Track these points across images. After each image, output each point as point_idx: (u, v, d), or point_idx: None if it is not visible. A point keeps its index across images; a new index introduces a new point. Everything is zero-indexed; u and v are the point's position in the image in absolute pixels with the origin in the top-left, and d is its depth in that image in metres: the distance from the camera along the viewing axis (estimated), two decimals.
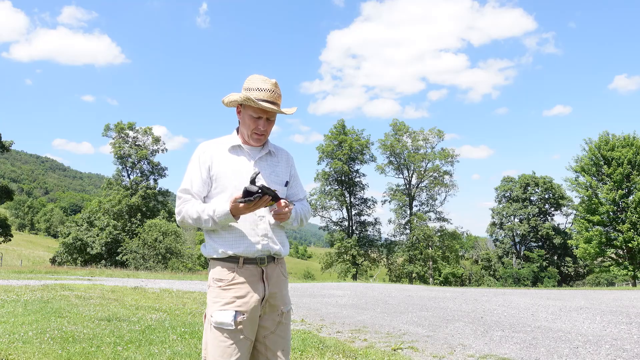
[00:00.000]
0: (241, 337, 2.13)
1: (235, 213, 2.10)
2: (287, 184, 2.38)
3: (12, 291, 10.06)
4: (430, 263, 45.20)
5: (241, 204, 2.05)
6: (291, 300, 2.44)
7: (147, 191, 45.64)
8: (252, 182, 2.04)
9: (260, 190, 2.03)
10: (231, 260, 2.19)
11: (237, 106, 2.30)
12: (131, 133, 46.53)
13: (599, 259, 34.46)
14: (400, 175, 48.07)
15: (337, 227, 46.79)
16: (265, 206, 2.12)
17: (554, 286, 43.19)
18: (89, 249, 42.93)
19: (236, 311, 2.12)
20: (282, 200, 2.15)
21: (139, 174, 46.85)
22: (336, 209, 47.20)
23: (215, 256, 2.22)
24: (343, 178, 46.59)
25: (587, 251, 32.60)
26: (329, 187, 46.59)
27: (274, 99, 2.23)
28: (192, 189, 2.25)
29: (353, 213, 47.23)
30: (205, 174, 2.24)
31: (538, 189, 55.08)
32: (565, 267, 52.43)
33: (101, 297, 9.77)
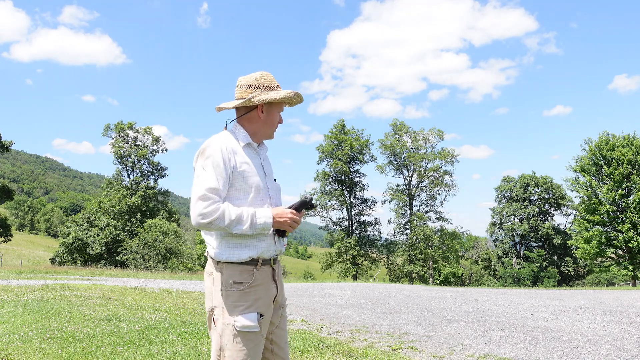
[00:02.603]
0: (260, 337, 2.17)
1: (275, 225, 2.17)
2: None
3: (12, 291, 10.06)
4: (430, 263, 45.20)
5: (288, 215, 2.17)
6: (290, 300, 2.65)
7: (147, 191, 45.65)
8: (310, 200, 2.23)
9: (312, 206, 2.23)
10: (250, 263, 2.19)
11: (261, 105, 2.30)
12: (131, 133, 46.55)
13: (599, 259, 34.46)
14: (400, 175, 48.12)
15: (337, 227, 46.80)
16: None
17: (554, 286, 43.19)
18: (89, 249, 42.92)
19: (258, 313, 2.16)
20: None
21: (139, 174, 46.87)
22: (336, 209, 47.23)
23: (235, 260, 2.18)
24: (343, 178, 46.60)
25: (587, 251, 32.61)
26: (329, 187, 46.60)
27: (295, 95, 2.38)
28: (220, 188, 2.14)
29: (353, 213, 47.24)
30: (230, 172, 2.17)
31: (538, 189, 55.10)
32: (565, 267, 52.45)
33: (101, 297, 9.77)
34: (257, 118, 2.31)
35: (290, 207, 2.22)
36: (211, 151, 2.17)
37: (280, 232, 2.23)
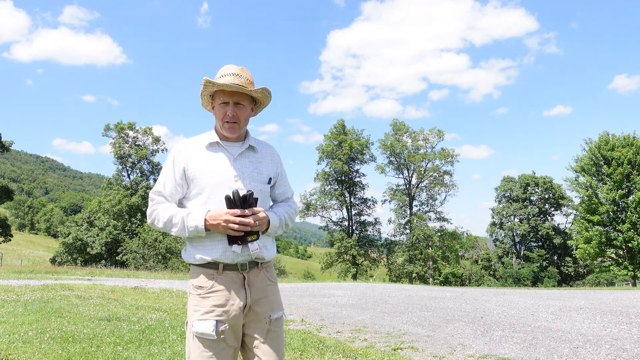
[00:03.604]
0: (223, 346, 2.05)
1: (209, 227, 2.02)
2: (270, 180, 2.25)
3: (12, 291, 10.05)
4: (430, 263, 45.21)
5: (222, 217, 1.99)
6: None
7: (147, 191, 45.59)
8: (235, 196, 2.00)
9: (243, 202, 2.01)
10: (210, 267, 2.09)
11: (211, 102, 2.21)
12: (131, 133, 46.56)
13: (599, 259, 34.47)
14: (400, 175, 48.12)
15: (337, 227, 46.80)
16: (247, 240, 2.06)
17: (554, 286, 43.19)
18: (89, 249, 42.91)
19: (217, 320, 2.03)
20: (257, 208, 2.06)
21: (139, 174, 46.88)
22: (336, 209, 47.23)
23: (193, 262, 2.12)
24: (343, 178, 46.60)
25: (587, 251, 32.61)
26: (329, 187, 46.60)
27: (239, 82, 2.12)
28: (165, 191, 2.15)
29: (353, 213, 47.23)
30: (179, 176, 2.13)
31: (538, 189, 55.10)
32: (565, 267, 52.45)
33: (101, 297, 9.77)
34: (214, 115, 2.22)
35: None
36: (169, 155, 2.21)
37: (241, 238, 2.03)
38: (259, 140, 2.31)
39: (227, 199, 2.00)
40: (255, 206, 2.05)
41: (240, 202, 2.00)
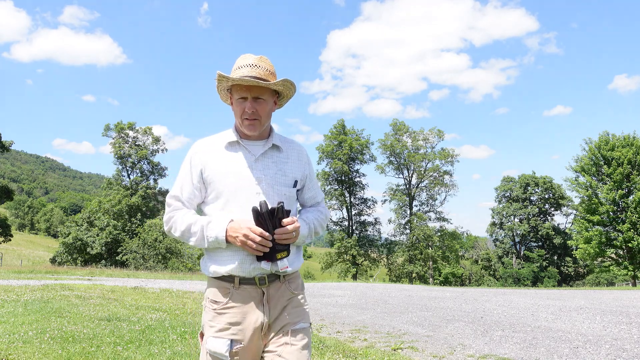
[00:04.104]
0: None
1: (230, 239, 1.83)
2: (296, 183, 2.02)
3: (12, 291, 10.05)
4: (430, 263, 45.21)
5: (242, 230, 1.79)
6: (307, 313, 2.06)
7: (147, 191, 45.65)
8: (261, 209, 1.80)
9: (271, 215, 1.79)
10: (226, 280, 1.90)
11: (229, 96, 2.00)
12: (131, 133, 46.56)
13: (599, 259, 34.47)
14: (400, 175, 48.13)
15: (337, 227, 46.82)
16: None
17: (554, 286, 43.20)
18: (89, 249, 42.91)
19: (232, 340, 1.85)
20: (287, 220, 1.82)
21: (139, 174, 46.87)
22: (336, 208, 47.23)
23: (209, 274, 1.95)
24: (343, 178, 46.61)
25: (587, 251, 32.62)
26: (329, 187, 46.61)
27: (258, 73, 1.90)
28: (183, 196, 1.96)
29: (353, 213, 47.24)
30: (197, 179, 1.95)
31: (538, 189, 55.10)
32: (565, 267, 52.45)
33: (101, 297, 9.77)
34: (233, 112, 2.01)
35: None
36: (186, 156, 2.01)
37: (270, 255, 1.82)
38: (284, 138, 2.10)
39: (254, 211, 1.79)
40: (287, 217, 1.83)
41: (269, 215, 1.79)
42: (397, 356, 5.09)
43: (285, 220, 1.81)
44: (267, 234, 1.78)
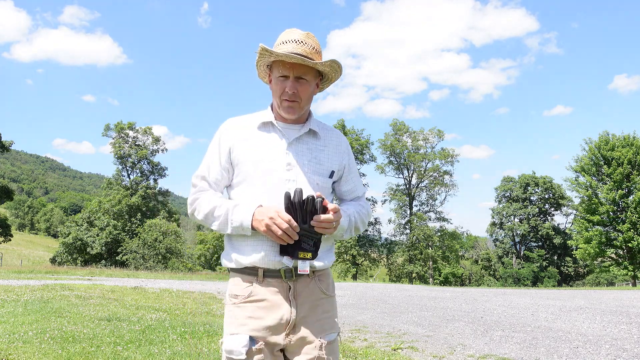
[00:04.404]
0: None
1: (255, 225, 1.64)
2: (332, 174, 1.83)
3: (12, 291, 10.06)
4: (430, 263, 45.23)
5: (270, 213, 1.60)
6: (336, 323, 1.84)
7: (147, 191, 45.69)
8: (297, 196, 1.61)
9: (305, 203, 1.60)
10: (248, 272, 1.73)
11: (268, 74, 1.82)
12: (131, 133, 46.60)
13: (599, 259, 34.50)
14: (400, 175, 48.16)
15: None
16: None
17: (554, 286, 43.22)
18: (89, 249, 42.95)
19: (250, 337, 1.66)
20: (330, 207, 1.63)
21: (139, 174, 46.91)
22: None
23: (231, 266, 1.77)
24: None
25: (587, 251, 32.65)
26: None
27: (303, 51, 1.72)
28: (210, 177, 1.80)
29: None
30: (225, 159, 1.78)
31: (538, 189, 55.12)
32: (565, 267, 52.47)
33: (101, 297, 9.77)
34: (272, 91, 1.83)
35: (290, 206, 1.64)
36: (215, 133, 1.85)
37: (292, 250, 1.63)
38: (323, 124, 1.90)
39: (287, 197, 1.61)
40: (319, 213, 1.61)
41: (301, 204, 1.60)
42: (397, 356, 5.09)
43: (330, 206, 1.62)
44: (295, 223, 1.59)
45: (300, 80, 1.73)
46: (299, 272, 1.65)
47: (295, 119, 1.79)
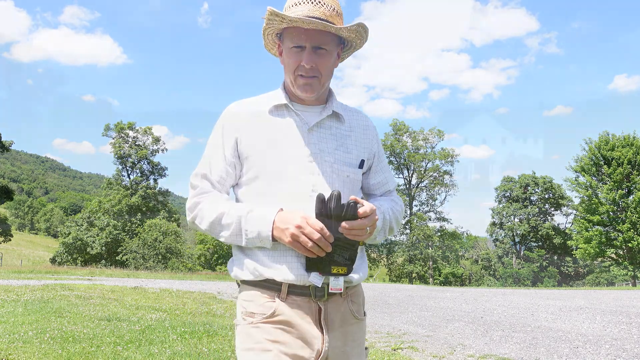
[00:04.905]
0: None
1: (277, 235, 1.32)
2: (362, 164, 1.52)
3: (12, 291, 10.06)
4: (430, 263, 45.24)
5: (295, 221, 1.28)
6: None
7: (147, 191, 45.69)
8: (331, 199, 1.30)
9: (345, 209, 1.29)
10: (269, 287, 1.39)
11: (278, 44, 1.51)
12: (131, 133, 46.59)
13: (599, 259, 34.52)
14: (400, 175, 48.14)
15: None
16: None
17: (554, 286, 43.21)
18: (89, 249, 42.95)
19: None
20: (363, 208, 1.31)
21: (139, 174, 46.92)
22: None
23: (245, 277, 1.42)
24: None
25: (587, 251, 32.66)
26: None
27: (322, 13, 1.39)
28: (212, 175, 1.46)
29: None
30: (231, 152, 1.45)
31: (538, 189, 55.11)
32: (565, 267, 52.46)
33: (101, 297, 9.77)
34: (283, 65, 1.50)
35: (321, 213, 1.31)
36: (218, 120, 1.52)
37: (323, 265, 1.32)
38: (346, 106, 1.60)
39: (320, 200, 1.29)
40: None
41: (338, 210, 1.29)
42: (397, 356, 5.09)
43: (362, 209, 1.30)
44: (327, 232, 1.28)
45: (319, 51, 1.40)
46: (330, 291, 1.35)
47: (314, 99, 1.48)
